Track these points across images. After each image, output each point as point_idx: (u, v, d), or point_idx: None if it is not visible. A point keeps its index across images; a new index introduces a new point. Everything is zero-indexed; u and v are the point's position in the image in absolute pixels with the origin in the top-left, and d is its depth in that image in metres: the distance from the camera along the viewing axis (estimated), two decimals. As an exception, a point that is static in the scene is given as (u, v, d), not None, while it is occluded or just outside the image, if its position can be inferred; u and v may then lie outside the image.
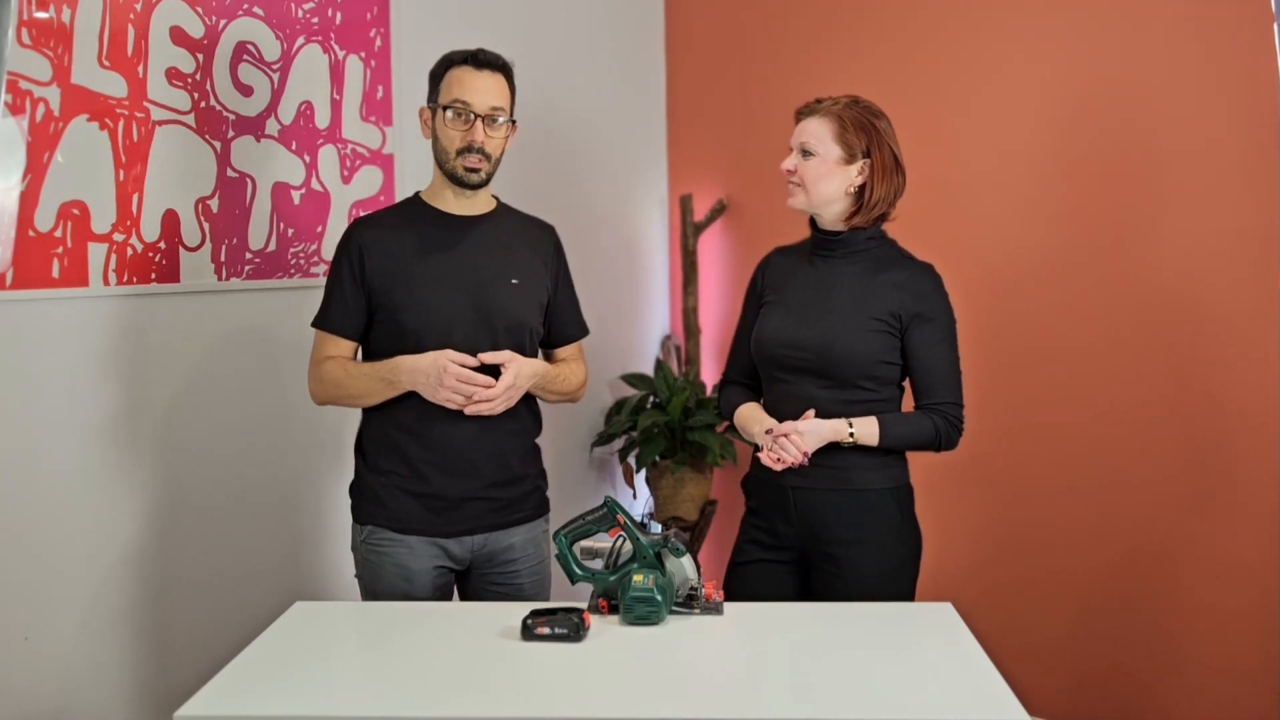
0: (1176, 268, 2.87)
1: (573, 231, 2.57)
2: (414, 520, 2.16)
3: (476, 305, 2.16)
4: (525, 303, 2.22)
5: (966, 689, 1.64)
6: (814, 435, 2.16)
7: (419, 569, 2.16)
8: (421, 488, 2.16)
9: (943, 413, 2.22)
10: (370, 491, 2.20)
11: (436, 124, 2.18)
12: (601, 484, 3.69)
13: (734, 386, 2.41)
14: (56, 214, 2.13)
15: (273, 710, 1.59)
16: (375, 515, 2.18)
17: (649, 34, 3.84)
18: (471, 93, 2.14)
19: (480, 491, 2.19)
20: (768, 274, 2.38)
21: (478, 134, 2.14)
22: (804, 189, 2.24)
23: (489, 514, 2.20)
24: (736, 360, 2.42)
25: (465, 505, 2.18)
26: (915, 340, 2.23)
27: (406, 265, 2.16)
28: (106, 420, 2.25)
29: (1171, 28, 2.85)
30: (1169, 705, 2.92)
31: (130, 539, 2.30)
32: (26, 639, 2.12)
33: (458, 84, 2.15)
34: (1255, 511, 2.75)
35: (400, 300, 2.15)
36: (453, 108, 2.14)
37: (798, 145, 2.24)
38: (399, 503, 2.17)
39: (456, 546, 2.19)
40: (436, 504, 2.17)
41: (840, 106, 2.23)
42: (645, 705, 1.59)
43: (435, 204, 2.23)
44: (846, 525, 2.22)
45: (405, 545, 2.16)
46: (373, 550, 2.18)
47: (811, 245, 2.33)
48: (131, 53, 2.24)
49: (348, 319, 2.18)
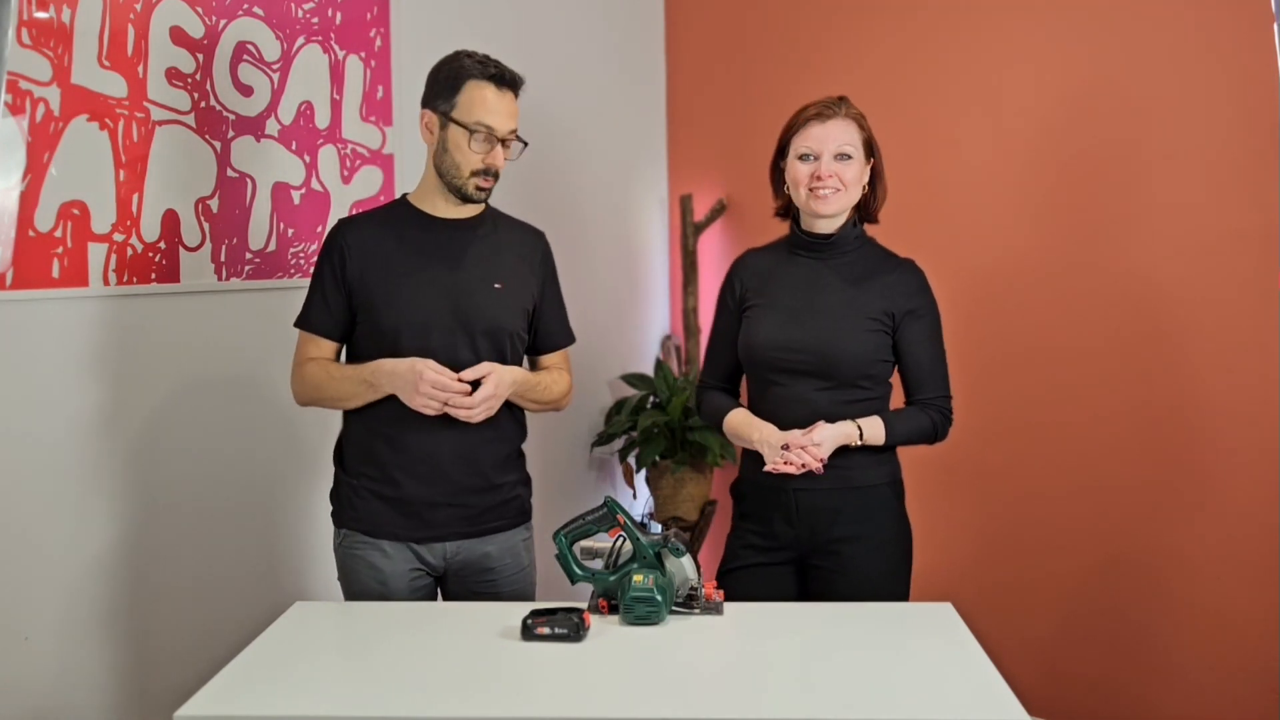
0: (1175, 268, 2.87)
1: (573, 232, 2.57)
2: (386, 524, 2.15)
3: (455, 309, 2.14)
4: (507, 308, 2.19)
5: (966, 689, 1.64)
6: (829, 442, 2.17)
7: (393, 572, 2.15)
8: (393, 492, 2.15)
9: (936, 406, 2.26)
10: (345, 495, 2.19)
11: (451, 139, 2.11)
12: (601, 484, 3.69)
13: (714, 391, 2.39)
14: (56, 214, 2.13)
15: (273, 710, 1.59)
16: (349, 519, 2.18)
17: (649, 34, 3.84)
18: (495, 116, 2.09)
19: (451, 498, 2.16)
20: (745, 276, 2.35)
21: (498, 158, 2.12)
22: (844, 192, 2.24)
23: (460, 521, 2.18)
24: (715, 364, 2.40)
25: (435, 511, 2.16)
26: (907, 337, 2.25)
27: (387, 266, 2.14)
28: (106, 420, 2.25)
29: (1171, 28, 2.85)
30: (1169, 705, 2.92)
31: (129, 538, 2.30)
32: (26, 639, 2.12)
33: (481, 105, 2.09)
34: (1255, 511, 2.75)
35: (379, 301, 2.13)
36: (477, 131, 2.09)
37: (830, 150, 2.21)
38: (370, 506, 2.16)
39: (429, 553, 2.17)
40: (407, 509, 2.15)
41: (853, 109, 2.25)
42: (645, 705, 1.59)
43: (423, 208, 2.20)
44: (848, 523, 2.22)
45: (379, 549, 2.16)
46: (348, 553, 2.18)
47: (791, 245, 2.32)
48: (131, 53, 2.24)
49: (329, 319, 2.17)
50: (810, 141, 2.23)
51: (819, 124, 2.23)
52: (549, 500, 2.36)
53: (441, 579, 2.23)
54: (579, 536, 1.99)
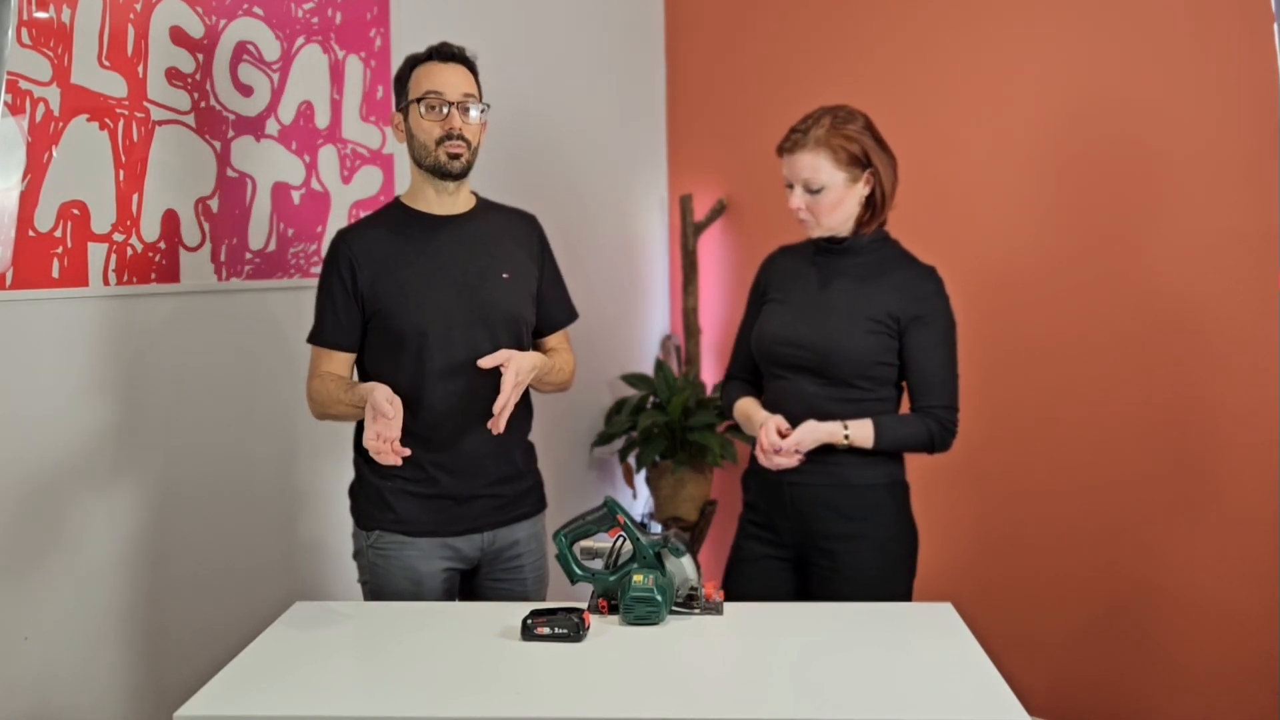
0: (1176, 268, 2.87)
1: (573, 231, 2.57)
2: (423, 522, 2.16)
3: (471, 304, 2.15)
4: (518, 296, 2.22)
5: (966, 689, 1.65)
6: (810, 440, 2.18)
7: (428, 571, 2.16)
8: (430, 489, 2.16)
9: (937, 416, 2.24)
10: (376, 496, 2.19)
11: (411, 122, 2.16)
12: (601, 484, 3.69)
13: (735, 382, 2.46)
14: (56, 214, 2.13)
15: (273, 710, 1.59)
16: (382, 520, 2.18)
17: (649, 34, 3.84)
18: (441, 84, 2.13)
19: (486, 489, 2.19)
20: (771, 272, 2.40)
21: (454, 121, 2.13)
22: (819, 222, 2.25)
23: (494, 511, 2.21)
24: (738, 356, 2.46)
25: (472, 503, 2.18)
26: (912, 343, 2.24)
27: (398, 271, 2.15)
28: (106, 420, 2.25)
29: (1171, 28, 2.85)
30: (1170, 704, 2.92)
31: (129, 539, 2.30)
32: (26, 639, 2.12)
33: (426, 77, 2.15)
34: (1255, 510, 2.75)
35: (395, 307, 2.13)
36: (425, 100, 2.13)
37: (799, 182, 2.23)
38: (407, 505, 2.17)
39: (465, 545, 2.19)
40: (444, 504, 2.17)
41: (824, 132, 2.20)
42: (645, 705, 1.59)
43: (417, 206, 2.21)
44: (842, 521, 2.23)
45: (414, 548, 2.16)
46: (380, 555, 2.17)
47: (815, 246, 2.33)
48: (131, 53, 2.24)
49: (342, 332, 2.17)
50: (785, 171, 2.26)
51: (788, 155, 2.24)
52: (549, 500, 2.37)
53: (467, 572, 2.25)
54: (579, 536, 1.99)
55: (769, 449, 2.19)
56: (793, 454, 2.18)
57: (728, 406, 2.43)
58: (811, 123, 2.22)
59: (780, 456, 2.18)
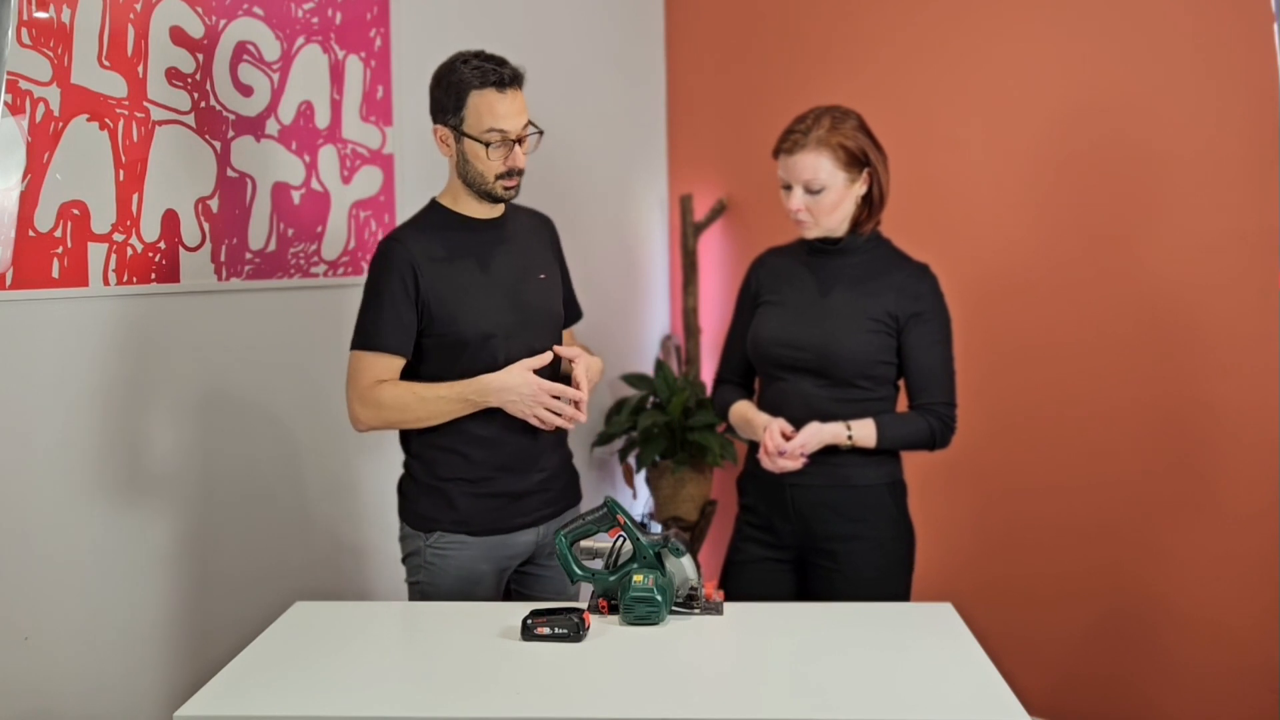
0: (1176, 268, 2.87)
1: (573, 231, 2.57)
2: (484, 521, 2.18)
3: (521, 307, 2.18)
4: (554, 296, 2.27)
5: (966, 689, 1.65)
6: (815, 441, 2.18)
7: (487, 570, 2.19)
8: (489, 488, 2.18)
9: (937, 413, 2.25)
10: (437, 496, 2.18)
11: (468, 150, 2.11)
12: (601, 484, 3.69)
13: (727, 385, 2.44)
14: (56, 214, 2.13)
15: (273, 710, 1.59)
16: (441, 521, 2.17)
17: (649, 34, 3.84)
18: (505, 119, 2.08)
19: (540, 484, 2.22)
20: (762, 274, 2.39)
21: (518, 159, 2.12)
22: (818, 223, 2.25)
23: (546, 504, 2.25)
24: (729, 359, 2.45)
25: (527, 499, 2.21)
26: (911, 340, 2.24)
27: (456, 277, 2.14)
28: (106, 420, 2.25)
29: (1171, 28, 2.85)
30: (1170, 704, 2.92)
31: (129, 539, 2.30)
32: (26, 639, 2.12)
33: (489, 112, 2.08)
34: (1255, 510, 2.75)
35: (457, 313, 2.13)
36: (491, 141, 2.09)
37: (799, 183, 2.22)
38: (469, 505, 2.17)
39: (521, 541, 2.22)
40: (502, 501, 2.19)
41: (824, 132, 2.20)
42: (645, 705, 1.59)
43: (459, 210, 2.20)
44: (843, 521, 2.23)
45: (473, 547, 2.17)
46: (438, 555, 2.17)
47: (807, 247, 2.33)
48: (131, 53, 2.24)
49: (404, 337, 2.13)
50: (783, 172, 2.25)
51: (786, 157, 2.24)
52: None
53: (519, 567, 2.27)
54: (579, 536, 1.99)
55: (774, 452, 2.18)
56: (797, 456, 2.18)
57: (721, 411, 2.42)
58: (811, 123, 2.22)
59: (785, 459, 2.17)
